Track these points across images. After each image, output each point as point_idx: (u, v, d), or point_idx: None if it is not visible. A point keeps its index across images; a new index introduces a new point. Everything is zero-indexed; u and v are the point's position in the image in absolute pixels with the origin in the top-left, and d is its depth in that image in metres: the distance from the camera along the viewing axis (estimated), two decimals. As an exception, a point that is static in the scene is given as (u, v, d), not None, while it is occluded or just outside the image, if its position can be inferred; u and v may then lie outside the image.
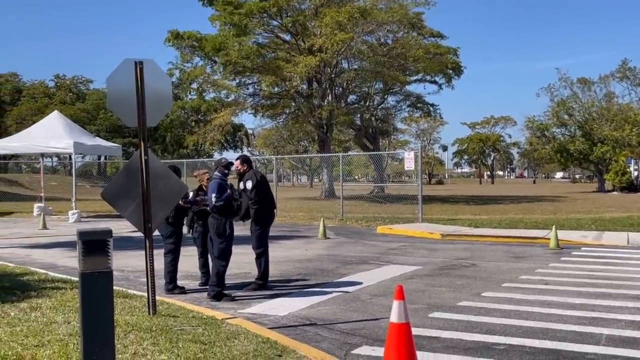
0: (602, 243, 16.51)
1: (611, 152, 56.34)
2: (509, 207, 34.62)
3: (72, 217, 25.76)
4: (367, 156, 43.85)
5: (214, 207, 9.17)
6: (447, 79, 47.62)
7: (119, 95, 7.69)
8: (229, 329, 7.13)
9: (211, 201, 9.19)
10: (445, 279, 11.25)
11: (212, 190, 9.19)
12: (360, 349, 6.77)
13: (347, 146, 77.01)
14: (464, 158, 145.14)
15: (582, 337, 7.18)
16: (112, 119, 71.89)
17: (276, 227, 10.97)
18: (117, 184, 7.64)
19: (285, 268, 12.49)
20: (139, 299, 8.69)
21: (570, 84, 61.81)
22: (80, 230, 4.57)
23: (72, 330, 6.56)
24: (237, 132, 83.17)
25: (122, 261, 13.20)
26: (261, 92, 43.83)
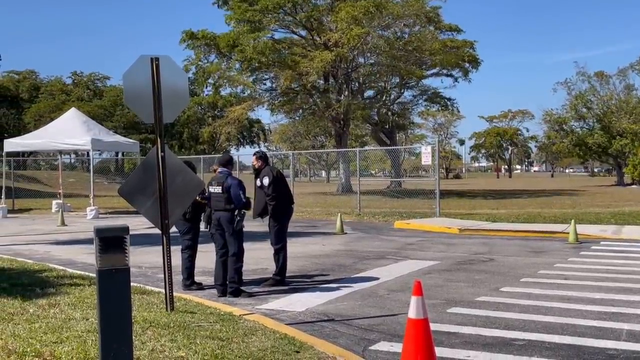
0: (621, 237, 16.35)
1: (630, 145, 55.85)
2: (527, 201, 34.41)
3: (90, 214, 25.93)
4: (383, 151, 43.75)
5: (244, 204, 9.34)
6: (463, 73, 47.36)
7: (135, 91, 7.69)
8: (246, 325, 7.13)
9: (240, 198, 9.32)
10: (463, 274, 11.18)
11: (239, 188, 9.30)
12: (378, 345, 6.74)
13: (364, 141, 76.91)
14: (481, 152, 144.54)
15: (602, 332, 7.10)
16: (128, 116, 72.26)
17: (293, 223, 10.96)
18: (134, 180, 7.64)
19: (303, 264, 12.48)
20: (156, 295, 8.71)
21: (588, 77, 61.30)
22: (97, 227, 4.57)
23: (91, 326, 6.58)
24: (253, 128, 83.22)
25: (140, 257, 13.25)
26: (278, 87, 43.83)
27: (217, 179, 9.46)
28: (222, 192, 9.28)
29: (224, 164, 9.66)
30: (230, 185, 9.31)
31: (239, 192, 9.34)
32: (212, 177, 9.68)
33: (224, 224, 9.33)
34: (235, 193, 9.30)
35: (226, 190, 9.28)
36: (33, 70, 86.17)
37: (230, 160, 9.92)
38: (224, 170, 9.57)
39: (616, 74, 61.88)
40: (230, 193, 9.28)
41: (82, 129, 27.74)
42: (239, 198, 9.36)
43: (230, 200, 9.29)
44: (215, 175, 9.61)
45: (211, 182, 9.49)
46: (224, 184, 9.31)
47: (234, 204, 9.32)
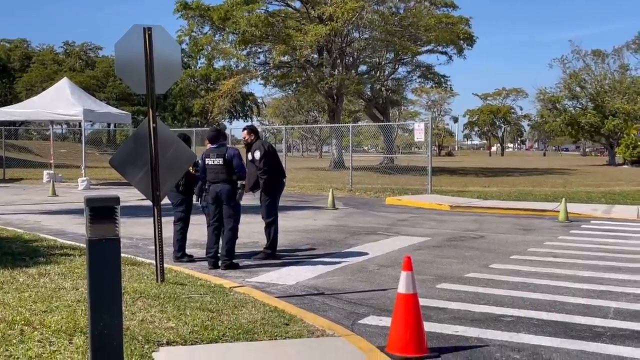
0: (611, 216, 16.44)
1: (622, 125, 55.98)
2: (519, 179, 34.51)
3: (81, 185, 25.86)
4: (377, 127, 43.59)
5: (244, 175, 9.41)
6: (458, 50, 47.16)
7: (127, 61, 7.62)
8: (236, 297, 7.15)
9: (245, 168, 9.39)
10: (453, 251, 11.23)
11: (240, 158, 9.33)
12: (368, 319, 6.78)
13: (357, 116, 76.71)
14: (474, 130, 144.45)
15: (590, 310, 7.16)
16: (121, 87, 71.74)
17: (285, 197, 10.95)
18: (126, 151, 7.60)
19: (294, 238, 12.50)
20: (147, 266, 8.72)
21: (584, 55, 61.23)
22: (88, 197, 4.54)
23: (80, 296, 6.59)
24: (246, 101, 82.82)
25: (131, 229, 13.25)
26: (271, 60, 43.55)
27: (215, 150, 9.36)
28: (224, 164, 9.23)
29: (213, 140, 9.53)
30: (234, 155, 9.27)
31: (242, 162, 9.37)
32: (207, 150, 9.59)
33: (224, 196, 9.28)
34: (239, 163, 9.28)
35: (229, 161, 9.22)
36: (25, 39, 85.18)
37: (217, 135, 9.67)
38: (219, 143, 9.50)
39: (611, 53, 61.87)
40: (234, 164, 9.24)
41: (74, 99, 27.56)
42: (243, 168, 9.36)
43: (232, 172, 9.25)
44: (209, 148, 9.53)
45: (208, 154, 9.40)
46: (226, 155, 9.25)
47: (238, 175, 9.29)
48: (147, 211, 10.24)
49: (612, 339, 6.12)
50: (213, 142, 9.50)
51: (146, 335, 5.50)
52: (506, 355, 5.67)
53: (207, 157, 9.35)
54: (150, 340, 5.39)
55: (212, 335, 5.64)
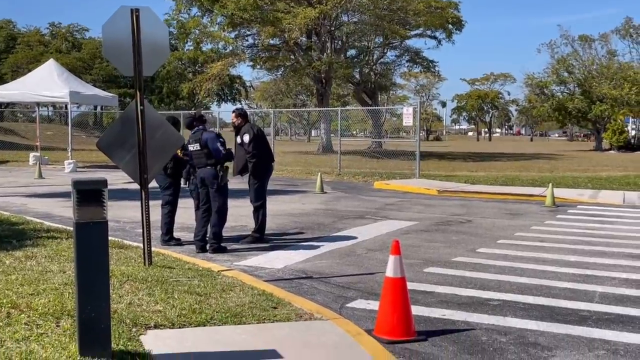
0: (598, 201, 16.55)
1: (609, 110, 56.21)
2: (506, 164, 34.63)
3: (68, 167, 25.71)
4: (365, 111, 43.56)
5: (225, 156, 9.39)
6: (447, 34, 47.10)
7: (114, 43, 7.54)
8: (224, 281, 7.15)
9: (220, 151, 9.32)
10: (441, 235, 11.28)
11: (216, 141, 9.31)
12: (355, 303, 6.80)
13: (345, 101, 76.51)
14: (462, 115, 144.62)
15: (576, 294, 7.22)
16: (108, 69, 71.07)
17: (273, 181, 10.92)
18: (113, 133, 7.55)
19: (282, 222, 12.50)
20: (135, 249, 8.69)
21: (572, 41, 61.35)
22: (75, 179, 4.51)
23: (67, 279, 6.56)
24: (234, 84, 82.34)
25: (119, 212, 13.20)
26: (260, 43, 43.30)
27: (193, 136, 9.42)
28: (201, 149, 9.23)
29: (190, 126, 9.56)
30: (207, 140, 9.25)
31: (217, 145, 9.30)
32: (189, 136, 9.58)
33: (208, 180, 9.28)
34: (214, 147, 9.26)
35: (204, 145, 9.22)
36: (10, 20, 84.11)
37: (193, 120, 9.67)
38: (198, 127, 9.49)
39: (598, 38, 62.02)
40: (209, 147, 9.23)
41: (60, 81, 27.33)
42: (218, 151, 9.32)
43: (211, 155, 9.24)
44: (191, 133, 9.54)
45: (189, 140, 9.40)
46: (201, 140, 9.25)
47: (215, 158, 9.28)
48: (135, 194, 10.19)
49: (597, 322, 6.17)
50: (189, 128, 9.54)
51: (134, 318, 5.49)
52: (493, 338, 5.71)
53: (189, 143, 9.39)
54: (138, 324, 5.39)
55: (200, 319, 5.64)
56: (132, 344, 4.92)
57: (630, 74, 57.45)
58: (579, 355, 5.32)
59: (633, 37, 63.25)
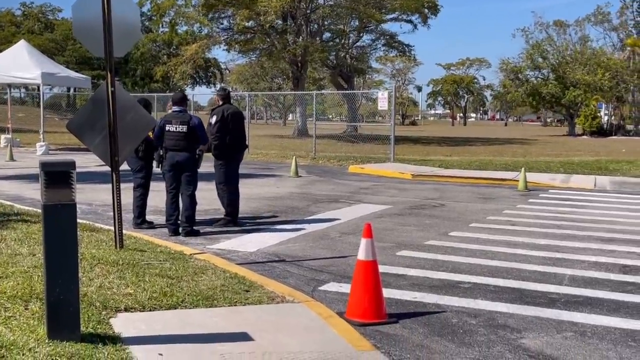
0: (569, 186, 16.74)
1: (583, 96, 56.76)
2: (480, 148, 34.87)
3: (40, 150, 25.40)
4: (341, 95, 43.54)
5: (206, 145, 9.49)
6: (423, 18, 47.07)
7: (85, 24, 7.44)
8: (196, 264, 7.12)
9: (207, 138, 9.41)
10: (414, 219, 11.33)
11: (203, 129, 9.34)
12: (328, 286, 6.82)
13: (321, 84, 76.36)
14: (437, 99, 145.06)
15: (546, 277, 7.31)
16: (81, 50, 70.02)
17: (248, 165, 10.88)
18: (84, 115, 7.45)
19: (256, 205, 12.47)
20: (106, 232, 8.62)
21: (546, 27, 61.76)
22: (43, 161, 4.45)
23: (37, 262, 6.49)
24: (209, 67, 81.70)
25: (91, 195, 13.08)
26: (235, 26, 42.96)
27: (178, 117, 9.22)
28: (187, 132, 9.12)
29: (179, 102, 9.46)
30: (197, 124, 9.20)
31: (205, 132, 9.37)
32: (166, 115, 9.47)
33: (185, 164, 9.20)
34: (202, 132, 9.27)
35: (192, 129, 9.13)
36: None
37: (184, 98, 9.74)
38: (181, 108, 9.39)
39: (572, 24, 62.53)
40: (198, 133, 9.17)
41: (32, 62, 26.88)
42: (206, 138, 9.36)
43: (195, 140, 9.18)
44: (171, 113, 9.40)
45: (169, 120, 9.25)
46: (190, 123, 9.14)
47: (200, 143, 9.25)
48: (107, 177, 10.08)
49: (566, 305, 6.26)
50: (180, 104, 9.38)
51: (104, 301, 5.45)
52: (463, 320, 5.76)
53: (169, 124, 9.19)
54: (108, 307, 5.35)
55: (171, 302, 5.63)
56: (102, 327, 4.89)
57: (604, 60, 58.07)
58: (547, 337, 5.40)
59: (606, 24, 63.92)
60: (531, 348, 5.14)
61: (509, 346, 5.17)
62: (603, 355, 5.02)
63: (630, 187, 16.72)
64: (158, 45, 77.95)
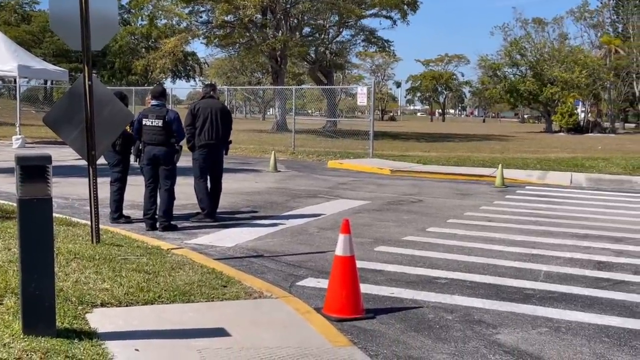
0: (546, 182, 16.90)
1: (560, 93, 57.22)
2: (458, 145, 35.05)
3: (16, 143, 25.09)
4: (320, 90, 43.52)
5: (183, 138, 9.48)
6: (402, 15, 47.13)
7: (62, 16, 7.36)
8: (174, 259, 7.10)
9: (184, 132, 9.42)
10: (392, 214, 11.38)
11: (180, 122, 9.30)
12: (305, 281, 6.83)
13: (301, 79, 76.22)
14: (416, 95, 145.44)
15: (522, 273, 7.38)
16: (58, 43, 69.23)
17: (226, 159, 10.81)
18: (60, 109, 7.39)
19: (234, 200, 12.45)
20: (82, 227, 8.55)
21: (525, 23, 62.19)
22: (19, 155, 4.41)
23: (12, 257, 6.42)
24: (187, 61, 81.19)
25: (67, 189, 12.97)
26: (214, 20, 42.71)
27: (154, 111, 9.17)
28: (163, 126, 9.07)
29: (158, 96, 9.42)
30: (174, 119, 9.14)
31: (182, 126, 9.31)
32: (144, 109, 9.42)
33: (162, 158, 9.16)
34: (179, 127, 9.22)
35: (168, 123, 9.08)
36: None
37: (163, 92, 9.69)
38: (159, 102, 9.34)
39: (551, 22, 63.02)
40: (173, 127, 9.12)
41: (9, 54, 26.48)
42: (182, 132, 9.32)
43: (171, 134, 9.13)
44: (149, 107, 9.36)
45: (146, 114, 9.20)
46: (166, 118, 9.09)
47: (176, 138, 9.20)
48: (84, 171, 9.99)
49: (542, 300, 6.33)
50: (159, 98, 9.33)
51: (80, 296, 5.42)
52: (439, 316, 5.80)
53: (145, 118, 9.15)
54: (84, 302, 5.32)
55: (148, 297, 5.61)
56: (78, 322, 4.86)
57: (581, 58, 58.56)
58: (522, 332, 5.46)
59: (586, 20, 64.50)
60: (506, 343, 5.19)
61: (484, 341, 5.22)
62: (577, 350, 5.09)
63: (606, 184, 16.91)
64: (137, 38, 77.38)
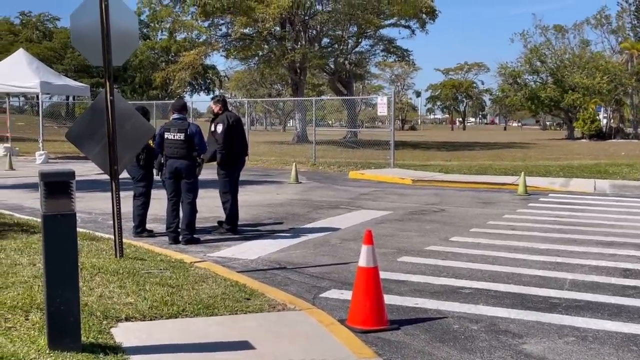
0: (569, 189, 16.73)
1: (581, 99, 56.72)
2: (480, 153, 34.87)
3: (39, 158, 25.38)
4: (340, 101, 43.50)
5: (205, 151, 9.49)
6: (421, 24, 47.10)
7: (83, 32, 7.43)
8: (197, 272, 7.11)
9: (206, 145, 9.44)
10: (414, 224, 11.32)
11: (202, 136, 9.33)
12: (329, 293, 6.80)
13: (320, 90, 76.41)
14: (436, 104, 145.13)
15: (547, 281, 7.30)
16: (79, 58, 70.10)
17: (248, 172, 10.87)
18: (82, 124, 7.45)
19: (256, 212, 12.46)
20: (106, 241, 8.60)
21: (546, 30, 61.82)
22: (42, 171, 4.45)
23: (37, 272, 6.48)
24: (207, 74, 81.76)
25: (90, 204, 13.07)
26: (233, 33, 42.97)
27: (176, 125, 9.24)
28: (185, 140, 9.13)
29: (179, 110, 9.49)
30: (196, 132, 9.21)
31: (204, 139, 9.36)
32: (166, 123, 9.48)
33: (184, 171, 9.21)
34: (200, 141, 9.25)
35: (190, 137, 9.14)
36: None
37: (185, 106, 9.79)
38: (181, 115, 9.41)
39: (571, 28, 62.60)
40: (195, 140, 9.18)
41: (31, 71, 26.86)
42: (204, 145, 9.34)
43: (193, 148, 9.18)
44: (170, 121, 9.42)
45: (168, 128, 9.27)
46: (187, 131, 9.15)
47: (198, 151, 9.25)
48: (106, 185, 10.07)
49: (568, 309, 6.25)
50: (180, 111, 9.40)
51: (104, 311, 5.44)
52: (464, 326, 5.75)
53: (167, 132, 9.22)
54: (109, 316, 5.34)
55: (172, 311, 5.61)
56: (103, 336, 4.88)
57: (602, 63, 58.05)
58: (549, 342, 5.38)
59: (605, 26, 64.00)
60: (533, 353, 5.13)
61: (510, 352, 5.16)
62: (605, 360, 5.02)
63: (630, 190, 16.71)
64: (156, 53, 78.06)
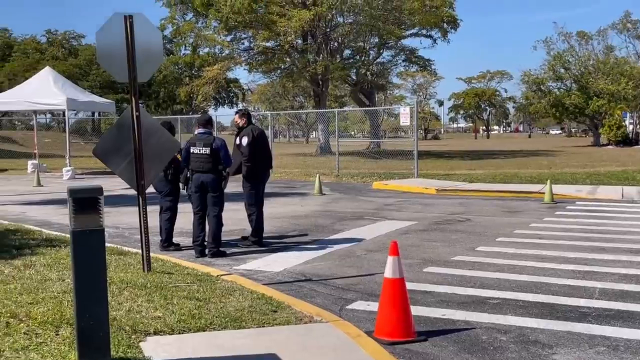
0: (596, 197, 16.54)
1: (607, 105, 56.15)
2: (504, 161, 34.63)
3: (66, 174, 25.71)
4: (362, 112, 43.55)
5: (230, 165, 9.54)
6: (442, 33, 47.04)
7: (108, 50, 7.54)
8: (224, 285, 7.14)
9: (231, 159, 9.50)
10: (440, 234, 11.27)
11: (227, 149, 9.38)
12: (355, 304, 6.79)
13: (343, 101, 76.57)
14: (459, 113, 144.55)
15: (576, 290, 7.22)
16: (104, 75, 70.99)
17: (272, 184, 10.91)
18: (109, 140, 7.54)
19: (281, 224, 12.49)
20: (133, 256, 8.68)
21: (569, 37, 61.37)
22: (71, 187, 4.51)
23: (66, 287, 6.56)
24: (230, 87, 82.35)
25: (117, 218, 13.19)
26: (255, 46, 43.30)
27: (202, 139, 9.31)
28: (210, 154, 9.20)
29: (204, 124, 9.56)
30: (221, 146, 9.27)
31: (229, 153, 9.41)
32: (192, 138, 9.56)
33: (210, 185, 9.27)
34: (226, 154, 9.30)
35: (215, 151, 9.21)
36: (6, 28, 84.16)
37: (210, 120, 9.85)
38: (206, 130, 9.49)
39: (595, 34, 62.09)
40: (220, 154, 9.24)
41: (57, 88, 27.32)
42: (229, 159, 9.40)
43: (219, 162, 9.24)
44: (196, 135, 9.49)
45: (193, 142, 9.34)
46: (213, 145, 9.22)
47: (224, 165, 9.30)
48: (133, 200, 10.16)
49: (598, 319, 6.17)
50: (205, 126, 9.47)
51: (133, 325, 5.48)
52: (493, 337, 5.70)
53: (193, 146, 9.29)
54: (138, 330, 5.38)
55: (200, 324, 5.64)
56: (132, 351, 4.92)
57: (627, 69, 57.49)
58: (579, 352, 5.32)
59: (630, 31, 63.38)
60: (563, 364, 5.07)
61: (540, 362, 5.10)
62: (637, 370, 4.94)
63: (659, 196, 16.48)
64: (180, 67, 78.80)
